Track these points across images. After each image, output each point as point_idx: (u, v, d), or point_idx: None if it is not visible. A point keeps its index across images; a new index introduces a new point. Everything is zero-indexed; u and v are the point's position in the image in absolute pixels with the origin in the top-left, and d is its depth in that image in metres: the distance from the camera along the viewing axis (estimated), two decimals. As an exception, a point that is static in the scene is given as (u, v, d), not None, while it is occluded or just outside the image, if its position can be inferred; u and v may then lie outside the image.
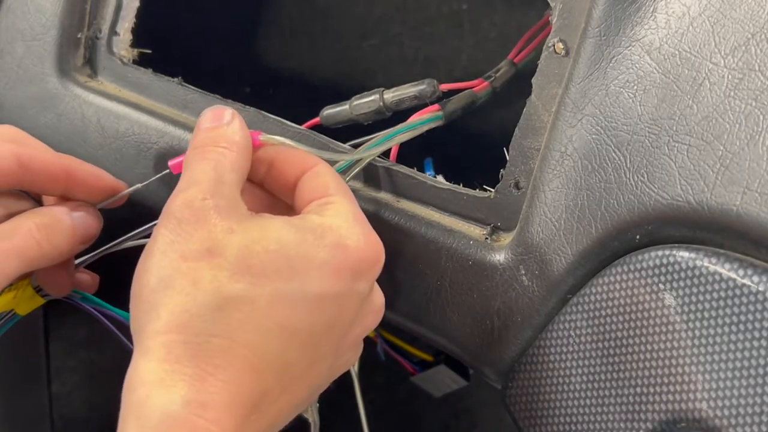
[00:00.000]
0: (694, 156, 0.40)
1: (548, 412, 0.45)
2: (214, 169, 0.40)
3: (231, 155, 0.41)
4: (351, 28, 0.82)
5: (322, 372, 0.41)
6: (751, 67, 0.40)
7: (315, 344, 0.39)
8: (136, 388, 0.35)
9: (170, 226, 0.38)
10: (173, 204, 0.39)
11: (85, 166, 0.46)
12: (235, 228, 0.38)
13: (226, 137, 0.42)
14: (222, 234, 0.38)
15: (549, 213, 0.44)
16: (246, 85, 0.79)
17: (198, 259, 0.37)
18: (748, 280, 0.38)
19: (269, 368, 0.37)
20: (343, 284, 0.39)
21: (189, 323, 0.36)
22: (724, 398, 0.39)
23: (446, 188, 0.48)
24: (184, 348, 0.36)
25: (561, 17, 0.45)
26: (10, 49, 0.64)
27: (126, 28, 0.62)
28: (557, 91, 0.45)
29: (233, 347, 0.36)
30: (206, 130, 0.42)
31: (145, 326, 0.37)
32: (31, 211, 0.45)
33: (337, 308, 0.39)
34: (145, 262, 0.38)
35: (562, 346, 0.44)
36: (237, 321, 0.36)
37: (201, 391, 0.35)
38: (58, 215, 0.45)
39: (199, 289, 0.37)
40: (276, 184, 0.44)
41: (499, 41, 0.76)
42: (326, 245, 0.39)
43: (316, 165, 0.43)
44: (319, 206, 0.41)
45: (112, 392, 0.38)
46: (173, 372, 0.35)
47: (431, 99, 0.51)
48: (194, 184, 0.40)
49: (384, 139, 0.48)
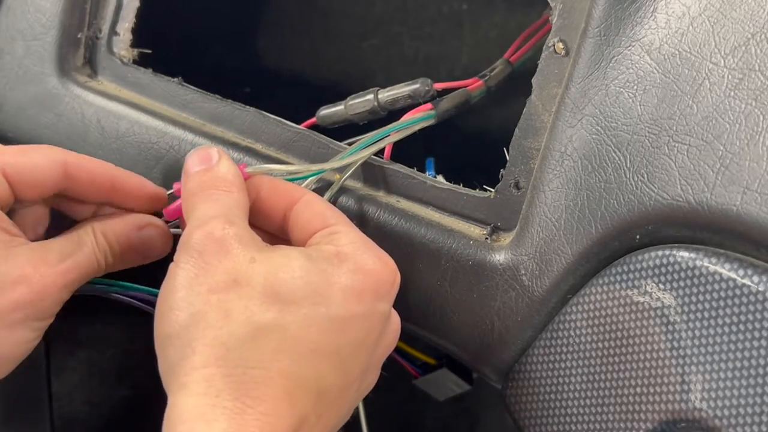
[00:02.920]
0: (694, 156, 0.40)
1: (548, 412, 0.45)
2: (225, 206, 0.40)
3: (234, 195, 0.41)
4: (351, 28, 0.82)
5: (352, 394, 0.41)
6: (751, 67, 0.40)
7: (345, 367, 0.39)
8: (177, 426, 0.35)
9: (192, 261, 0.38)
10: (192, 238, 0.39)
11: (129, 176, 0.46)
12: (258, 257, 0.39)
13: (223, 179, 0.42)
14: (246, 264, 0.38)
15: (549, 213, 0.44)
16: (246, 85, 0.79)
17: (227, 291, 0.37)
18: (748, 280, 0.38)
19: (306, 395, 0.37)
20: (366, 306, 0.40)
21: (227, 356, 0.36)
22: (724, 398, 0.39)
23: (446, 188, 0.48)
24: (224, 381, 0.35)
25: (561, 17, 0.45)
26: (10, 49, 0.64)
27: (126, 28, 0.62)
28: (557, 91, 0.45)
29: (270, 377, 0.36)
30: (199, 174, 0.42)
31: (179, 363, 0.37)
32: (99, 223, 0.44)
33: (363, 330, 0.40)
34: (169, 300, 0.38)
35: (562, 346, 0.44)
36: (271, 350, 0.37)
37: (241, 425, 0.35)
38: (125, 232, 0.44)
39: (232, 320, 0.37)
40: (264, 218, 0.44)
41: (499, 41, 0.76)
42: (346, 271, 0.40)
43: (303, 196, 0.44)
44: (326, 236, 0.42)
45: (112, 392, 0.38)
46: (214, 406, 0.35)
47: (425, 98, 0.51)
48: (210, 219, 0.40)
49: (375, 138, 0.49)
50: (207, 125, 0.57)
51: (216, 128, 0.57)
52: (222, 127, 0.57)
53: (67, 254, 0.42)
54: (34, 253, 0.41)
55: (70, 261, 0.42)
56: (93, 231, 0.44)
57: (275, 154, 0.54)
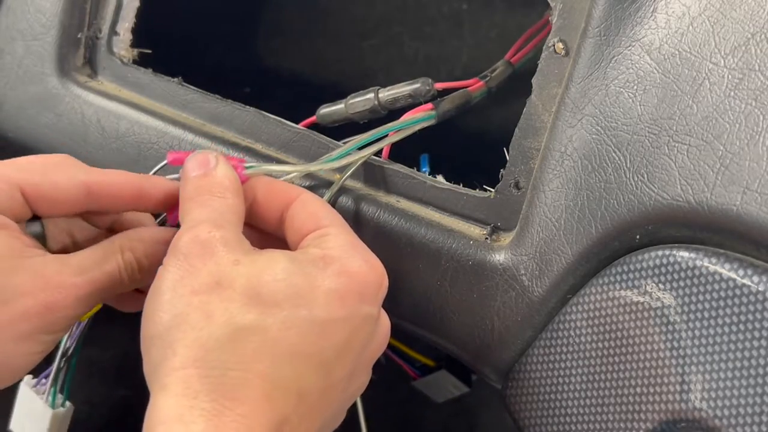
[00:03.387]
0: (694, 156, 0.40)
1: (548, 412, 0.45)
2: (216, 211, 0.41)
3: (228, 200, 0.42)
4: (351, 28, 0.82)
5: (338, 396, 0.41)
6: (751, 67, 0.40)
7: (328, 369, 0.39)
8: (156, 426, 0.35)
9: (178, 263, 0.39)
10: (180, 241, 0.39)
11: (158, 183, 0.45)
12: (242, 260, 0.39)
13: (219, 184, 0.42)
14: (230, 266, 0.38)
15: (549, 213, 0.44)
16: (246, 85, 0.79)
17: (209, 293, 0.38)
18: (748, 280, 0.38)
19: (285, 397, 0.37)
20: (350, 309, 0.40)
21: (205, 357, 0.36)
22: (724, 398, 0.39)
23: (446, 188, 0.48)
24: (201, 382, 0.36)
25: (561, 17, 0.45)
26: (10, 49, 0.64)
27: (126, 28, 0.62)
28: (557, 91, 0.45)
29: (249, 378, 0.36)
30: (196, 179, 0.43)
31: (161, 363, 0.37)
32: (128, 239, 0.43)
33: (346, 333, 0.39)
34: (155, 302, 0.38)
35: (562, 346, 0.44)
36: (251, 351, 0.37)
37: (219, 427, 0.35)
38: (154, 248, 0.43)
39: (212, 322, 0.37)
40: (261, 220, 0.45)
41: (499, 41, 0.76)
42: (330, 274, 0.40)
43: (299, 195, 0.44)
44: (316, 239, 0.42)
45: (112, 392, 0.38)
46: (192, 408, 0.35)
47: (426, 98, 0.51)
48: (200, 223, 0.40)
49: (375, 137, 0.48)
50: (207, 125, 0.57)
51: (216, 128, 0.57)
52: (222, 127, 0.57)
53: (87, 269, 0.41)
54: (49, 266, 0.41)
55: (87, 276, 0.41)
56: (121, 248, 0.43)
57: (275, 154, 0.54)
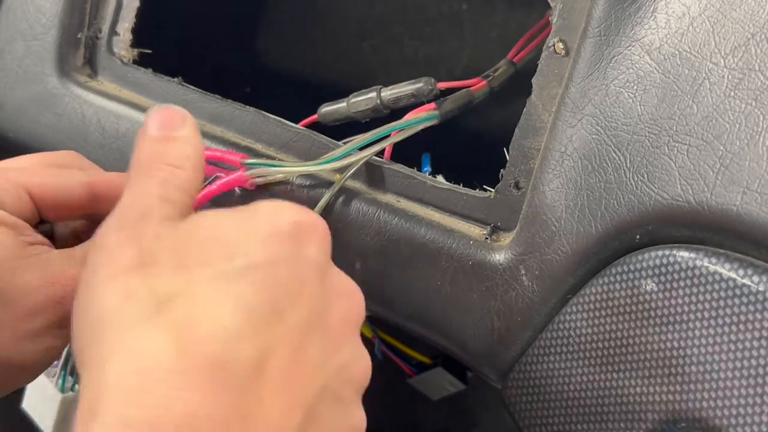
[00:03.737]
0: (694, 156, 0.40)
1: (548, 412, 0.45)
2: (160, 186, 0.36)
3: (182, 175, 0.37)
4: (351, 28, 0.82)
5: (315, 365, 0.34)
6: (751, 67, 0.40)
7: (284, 321, 0.33)
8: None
9: (100, 251, 0.34)
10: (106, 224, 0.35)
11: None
12: (163, 233, 0.34)
13: (177, 153, 0.38)
14: (151, 242, 0.34)
15: (549, 213, 0.44)
16: (246, 85, 0.79)
17: (131, 275, 0.32)
18: (748, 280, 0.38)
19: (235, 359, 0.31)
20: (288, 247, 0.34)
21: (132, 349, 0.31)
22: (724, 398, 0.39)
23: (446, 188, 0.48)
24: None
25: (561, 17, 0.45)
26: (10, 49, 0.64)
27: (126, 28, 0.62)
28: (557, 91, 0.45)
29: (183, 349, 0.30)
30: (154, 141, 0.38)
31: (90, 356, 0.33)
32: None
33: (290, 275, 0.34)
34: (82, 294, 0.34)
35: (562, 346, 0.44)
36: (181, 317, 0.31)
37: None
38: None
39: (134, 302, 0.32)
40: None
41: (499, 41, 0.76)
42: (260, 215, 0.35)
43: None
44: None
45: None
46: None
47: (428, 97, 0.51)
48: (131, 206, 0.36)
49: (376, 137, 0.48)
50: (207, 125, 0.57)
51: (216, 128, 0.57)
52: (222, 127, 0.57)
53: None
54: (55, 261, 0.40)
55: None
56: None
57: (275, 154, 0.54)
